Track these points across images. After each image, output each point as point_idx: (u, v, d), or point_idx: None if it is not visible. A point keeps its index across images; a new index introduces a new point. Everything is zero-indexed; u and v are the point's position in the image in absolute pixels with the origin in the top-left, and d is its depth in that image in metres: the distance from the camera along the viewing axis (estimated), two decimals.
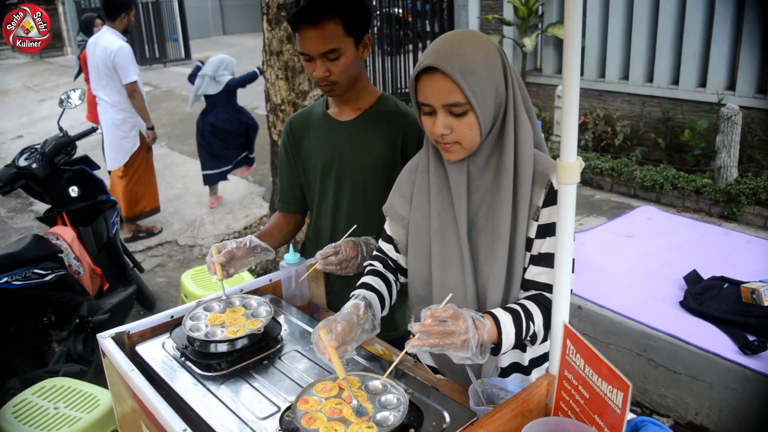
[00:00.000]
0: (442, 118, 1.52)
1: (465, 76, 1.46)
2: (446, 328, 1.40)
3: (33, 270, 3.44)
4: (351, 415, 1.40)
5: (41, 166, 3.94)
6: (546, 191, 1.56)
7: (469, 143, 1.54)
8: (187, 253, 6.01)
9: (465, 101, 1.48)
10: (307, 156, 2.25)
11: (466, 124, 1.51)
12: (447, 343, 1.40)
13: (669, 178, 5.89)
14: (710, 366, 3.15)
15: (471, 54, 1.48)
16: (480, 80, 1.48)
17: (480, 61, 1.49)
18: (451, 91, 1.48)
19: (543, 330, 1.55)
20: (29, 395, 2.91)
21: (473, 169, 1.61)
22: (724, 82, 6.40)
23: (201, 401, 1.57)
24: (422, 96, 1.54)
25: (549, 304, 1.51)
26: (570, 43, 1.31)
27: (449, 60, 1.46)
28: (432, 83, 1.50)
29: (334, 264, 1.93)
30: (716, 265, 3.83)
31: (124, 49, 5.54)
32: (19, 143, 9.82)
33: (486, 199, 1.60)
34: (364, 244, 2.02)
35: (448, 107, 1.50)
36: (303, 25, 1.95)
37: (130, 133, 5.77)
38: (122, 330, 1.87)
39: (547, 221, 1.56)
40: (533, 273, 1.60)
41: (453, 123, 1.51)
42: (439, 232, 1.66)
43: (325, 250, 1.94)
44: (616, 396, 1.22)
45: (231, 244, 1.98)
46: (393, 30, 9.98)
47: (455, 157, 1.58)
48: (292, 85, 4.14)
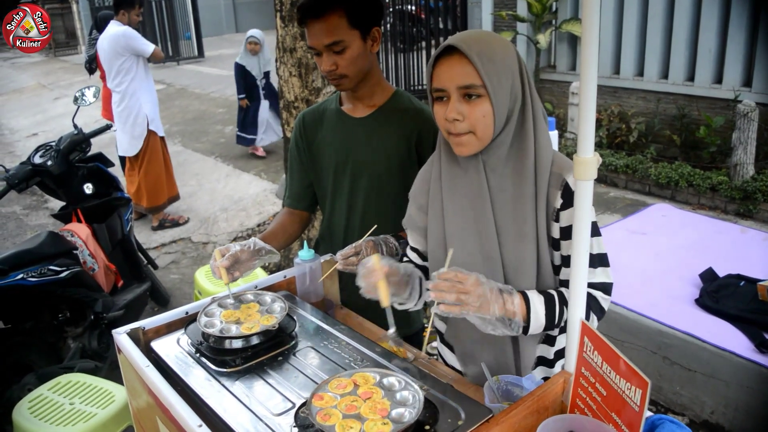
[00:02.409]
0: (456, 102, 1.51)
1: (482, 60, 1.47)
2: (460, 286, 1.45)
3: (48, 267, 3.46)
4: (366, 412, 1.39)
5: (56, 164, 3.96)
6: (561, 192, 1.55)
7: (482, 132, 1.52)
8: (201, 251, 6.03)
9: (480, 84, 1.48)
10: (319, 152, 2.25)
11: (480, 110, 1.50)
12: (463, 299, 1.44)
13: (684, 175, 5.84)
14: (726, 364, 3.13)
15: (490, 43, 1.50)
16: (497, 68, 1.48)
17: (498, 51, 1.50)
18: (468, 73, 1.48)
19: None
20: (45, 391, 2.93)
21: (489, 170, 1.60)
22: (740, 79, 6.34)
23: (216, 397, 1.58)
24: (437, 81, 1.54)
25: (589, 297, 1.53)
26: (587, 39, 1.30)
27: (468, 42, 1.48)
28: (449, 65, 1.50)
29: (354, 264, 1.90)
30: (732, 263, 3.80)
31: (128, 30, 5.79)
32: (33, 141, 9.88)
33: (507, 202, 1.59)
34: (384, 243, 2.00)
35: (463, 89, 1.50)
36: (309, 19, 1.97)
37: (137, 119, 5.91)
38: (137, 326, 1.88)
39: (568, 223, 1.54)
40: (565, 274, 1.60)
41: (466, 109, 1.51)
42: (461, 231, 1.65)
43: (345, 251, 1.92)
44: (634, 393, 1.21)
45: (234, 248, 1.96)
46: (406, 27, 9.96)
47: (467, 150, 1.56)
48: (306, 82, 4.14)
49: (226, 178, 7.58)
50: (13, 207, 7.50)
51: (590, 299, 1.54)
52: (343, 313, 2.19)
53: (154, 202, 6.21)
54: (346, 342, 1.81)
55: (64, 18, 22.97)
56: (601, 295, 1.59)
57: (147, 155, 6.03)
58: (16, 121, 12.02)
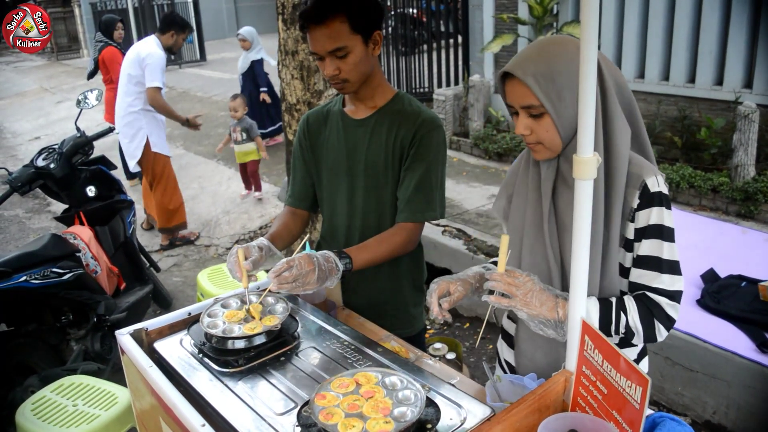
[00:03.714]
0: (523, 119, 1.60)
1: (537, 81, 1.52)
2: (513, 281, 1.54)
3: (51, 269, 3.47)
4: (369, 411, 1.40)
5: (59, 166, 3.97)
6: (639, 192, 1.56)
7: (549, 143, 1.60)
8: (203, 253, 6.04)
9: (539, 104, 1.54)
10: (321, 153, 2.26)
11: (543, 126, 1.57)
12: (512, 291, 1.53)
13: (685, 176, 5.83)
14: (728, 364, 3.13)
15: (551, 59, 1.53)
16: (556, 85, 1.52)
17: (560, 65, 1.53)
18: (525, 95, 1.55)
19: (641, 326, 1.57)
20: (48, 393, 2.94)
21: (565, 168, 1.63)
22: (741, 80, 6.34)
23: (219, 397, 1.58)
24: (507, 98, 1.63)
25: (652, 304, 1.58)
26: (586, 38, 1.31)
27: (523, 66, 1.54)
28: (511, 87, 1.59)
29: (289, 281, 1.78)
30: (733, 264, 3.81)
31: (158, 55, 5.55)
32: (36, 144, 9.91)
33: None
34: (322, 258, 1.88)
35: (526, 109, 1.58)
36: (310, 25, 1.98)
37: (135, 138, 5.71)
38: (141, 327, 1.89)
39: (645, 224, 1.57)
40: (634, 275, 1.62)
41: (532, 124, 1.58)
42: (531, 229, 1.71)
43: (277, 267, 1.80)
44: (635, 391, 1.22)
45: (255, 252, 1.95)
46: (407, 30, 9.97)
47: (540, 156, 1.65)
48: (308, 84, 4.15)
49: (228, 181, 7.59)
50: (15, 210, 7.52)
51: (653, 306, 1.58)
52: (345, 313, 2.20)
53: (165, 223, 6.05)
54: (348, 342, 1.82)
55: (66, 22, 23.01)
56: (666, 302, 1.60)
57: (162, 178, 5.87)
58: (18, 125, 12.04)
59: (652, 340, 1.61)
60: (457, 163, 7.09)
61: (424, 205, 2.07)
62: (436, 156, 2.11)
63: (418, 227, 2.14)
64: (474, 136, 7.40)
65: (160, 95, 5.64)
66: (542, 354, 1.73)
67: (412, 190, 2.09)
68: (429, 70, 9.28)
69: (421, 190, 2.08)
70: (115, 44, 6.99)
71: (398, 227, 2.12)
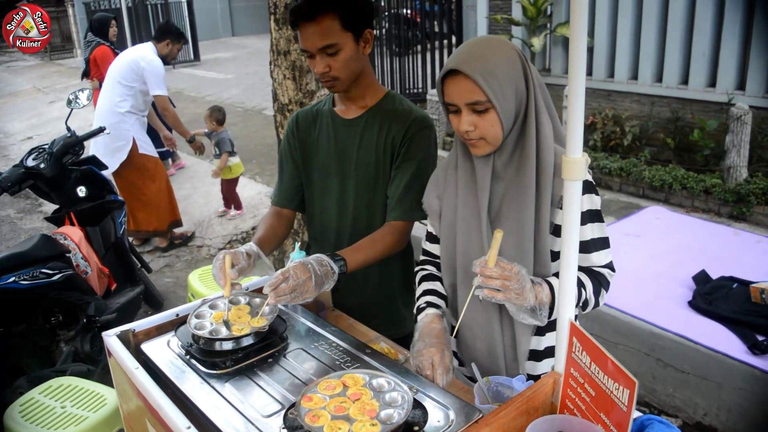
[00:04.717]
0: (466, 116, 1.63)
1: (485, 77, 1.57)
2: (506, 273, 1.53)
3: (40, 270, 3.44)
4: (355, 413, 1.39)
5: (49, 166, 3.94)
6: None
7: (492, 138, 1.65)
8: (195, 254, 6.02)
9: (486, 99, 1.59)
10: (310, 152, 2.25)
11: (488, 121, 1.62)
12: (507, 285, 1.53)
13: (678, 178, 5.85)
14: (719, 366, 3.13)
15: (491, 57, 1.60)
16: (499, 81, 1.59)
17: (500, 63, 1.60)
18: (473, 91, 1.59)
19: (594, 297, 1.70)
20: (36, 394, 2.92)
21: (498, 163, 1.70)
22: (734, 82, 6.36)
23: (206, 399, 1.57)
24: (448, 96, 1.66)
25: (600, 276, 1.73)
26: (575, 38, 1.30)
27: (470, 63, 1.59)
28: (455, 84, 1.62)
29: (287, 292, 1.75)
30: (725, 265, 3.81)
31: (158, 63, 5.53)
32: (28, 144, 9.86)
33: (510, 191, 1.69)
34: (316, 263, 1.85)
35: (471, 105, 1.61)
36: (301, 22, 1.97)
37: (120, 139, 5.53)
38: (127, 328, 1.87)
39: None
40: (580, 258, 1.65)
41: (476, 120, 1.63)
42: (464, 222, 1.76)
43: (272, 280, 1.77)
44: (622, 393, 1.21)
45: (243, 260, 1.93)
46: (401, 31, 9.97)
47: (481, 151, 1.69)
48: (300, 84, 4.13)
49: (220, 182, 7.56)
50: (7, 210, 7.49)
51: (601, 278, 1.73)
52: (334, 314, 2.19)
53: (158, 226, 5.93)
54: (336, 343, 1.81)
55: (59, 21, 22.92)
56: (608, 272, 1.75)
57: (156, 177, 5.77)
58: (11, 125, 11.99)
59: (597, 306, 1.74)
60: None
61: (415, 204, 2.07)
62: (426, 155, 2.11)
63: (408, 226, 2.14)
64: None
65: (170, 105, 5.64)
66: (481, 343, 1.80)
67: (403, 190, 2.08)
68: (423, 70, 9.28)
69: (411, 189, 2.08)
70: (108, 43, 6.95)
71: (389, 226, 2.11)
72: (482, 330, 1.78)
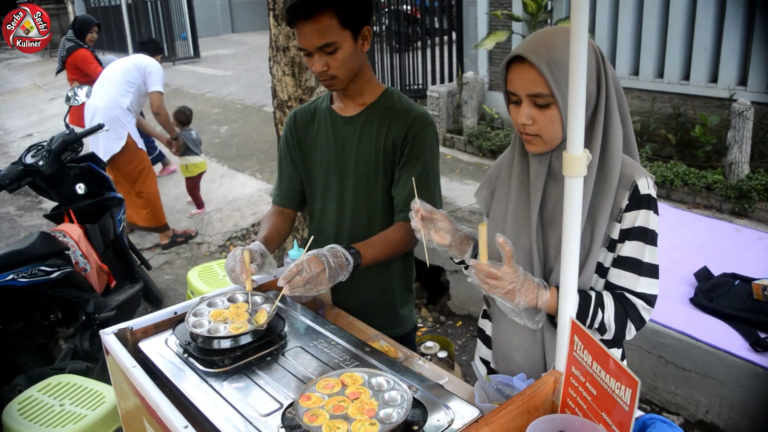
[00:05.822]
0: (526, 108, 1.54)
1: (551, 68, 1.47)
2: (495, 272, 1.49)
3: (39, 267, 3.43)
4: (354, 412, 1.38)
5: (48, 164, 3.93)
6: (630, 193, 1.55)
7: (549, 137, 1.55)
8: (195, 251, 6.00)
9: (548, 93, 1.49)
10: (309, 151, 2.23)
11: (548, 117, 1.52)
12: (493, 284, 1.49)
13: (679, 174, 5.82)
14: (721, 363, 3.12)
15: (562, 48, 1.47)
16: (567, 75, 1.44)
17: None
18: (536, 82, 1.49)
19: (614, 325, 1.57)
20: (35, 392, 2.91)
21: (556, 164, 1.60)
22: (736, 78, 6.33)
23: (204, 398, 1.56)
24: (510, 85, 1.57)
25: (629, 305, 1.57)
26: (576, 34, 1.29)
27: (537, 51, 1.49)
28: (519, 72, 1.52)
29: (301, 285, 1.75)
30: (727, 262, 3.80)
31: (159, 65, 5.78)
32: (28, 142, 9.83)
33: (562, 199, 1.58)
34: (331, 255, 1.85)
35: (532, 97, 1.52)
36: (298, 20, 1.94)
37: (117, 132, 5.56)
38: (125, 326, 1.86)
39: (630, 225, 1.56)
40: (613, 275, 1.60)
41: (536, 114, 1.53)
42: (515, 223, 1.67)
43: (286, 273, 1.76)
44: (624, 393, 1.19)
45: (258, 257, 1.94)
46: (401, 27, 9.94)
47: (535, 149, 1.59)
48: (299, 81, 4.12)
49: (220, 179, 7.55)
50: (7, 208, 7.48)
51: (629, 307, 1.57)
52: (334, 313, 2.18)
53: (159, 221, 5.95)
54: (335, 342, 1.80)
55: (59, 18, 22.87)
56: (642, 305, 1.58)
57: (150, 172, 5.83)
58: (11, 122, 11.97)
59: (621, 338, 1.62)
60: (450, 161, 7.06)
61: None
62: (430, 153, 2.09)
63: None
64: (468, 133, 7.38)
65: (164, 106, 5.78)
66: (521, 355, 1.71)
67: (410, 189, 2.06)
68: (423, 67, 9.25)
69: (419, 188, 2.06)
70: (87, 46, 6.94)
71: (399, 226, 2.09)
72: (520, 341, 1.70)
